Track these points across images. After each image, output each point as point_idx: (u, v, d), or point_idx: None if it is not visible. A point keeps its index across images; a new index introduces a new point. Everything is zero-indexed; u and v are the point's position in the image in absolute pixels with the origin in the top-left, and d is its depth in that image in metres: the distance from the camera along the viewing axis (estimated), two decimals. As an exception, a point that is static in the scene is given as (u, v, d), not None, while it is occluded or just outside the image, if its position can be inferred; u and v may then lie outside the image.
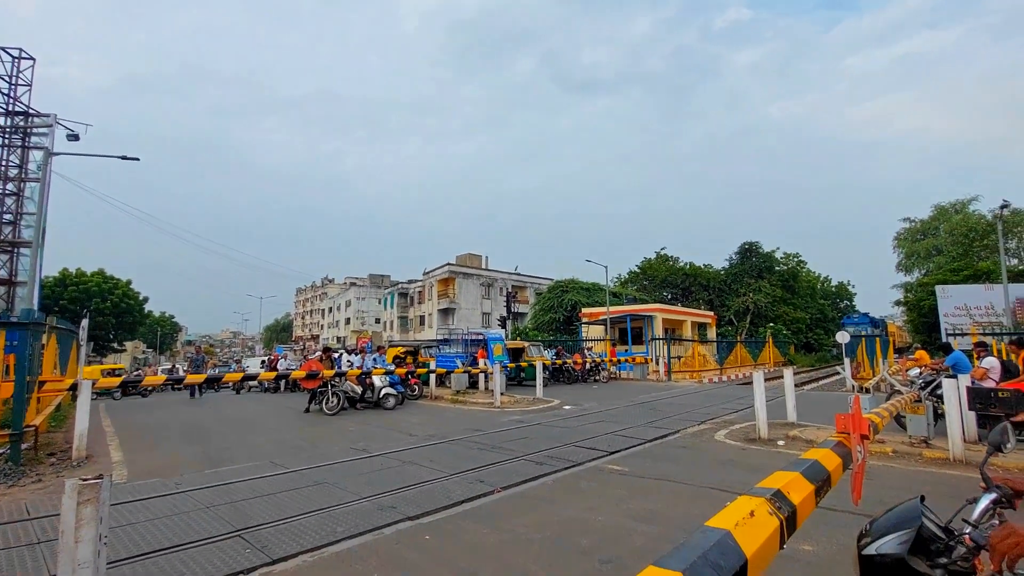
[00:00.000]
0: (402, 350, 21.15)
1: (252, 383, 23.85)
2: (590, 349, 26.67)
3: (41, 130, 20.76)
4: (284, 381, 21.51)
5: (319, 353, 17.00)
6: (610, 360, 24.24)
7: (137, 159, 19.01)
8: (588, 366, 22.79)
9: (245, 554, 4.06)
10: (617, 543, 4.25)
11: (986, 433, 7.40)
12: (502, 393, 14.74)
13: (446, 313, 53.59)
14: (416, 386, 16.70)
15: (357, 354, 17.10)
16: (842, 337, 17.75)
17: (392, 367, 15.41)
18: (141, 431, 11.70)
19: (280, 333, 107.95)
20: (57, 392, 10.15)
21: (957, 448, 7.02)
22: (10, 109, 21.09)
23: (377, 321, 73.37)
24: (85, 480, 2.30)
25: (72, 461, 7.77)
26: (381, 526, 4.68)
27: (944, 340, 18.61)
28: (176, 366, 41.32)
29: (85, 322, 11.42)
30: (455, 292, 53.85)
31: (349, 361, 16.17)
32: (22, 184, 21.06)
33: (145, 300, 50.89)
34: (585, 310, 34.29)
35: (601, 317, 29.99)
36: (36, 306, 16.99)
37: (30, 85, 21.86)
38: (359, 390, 13.83)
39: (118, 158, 18.78)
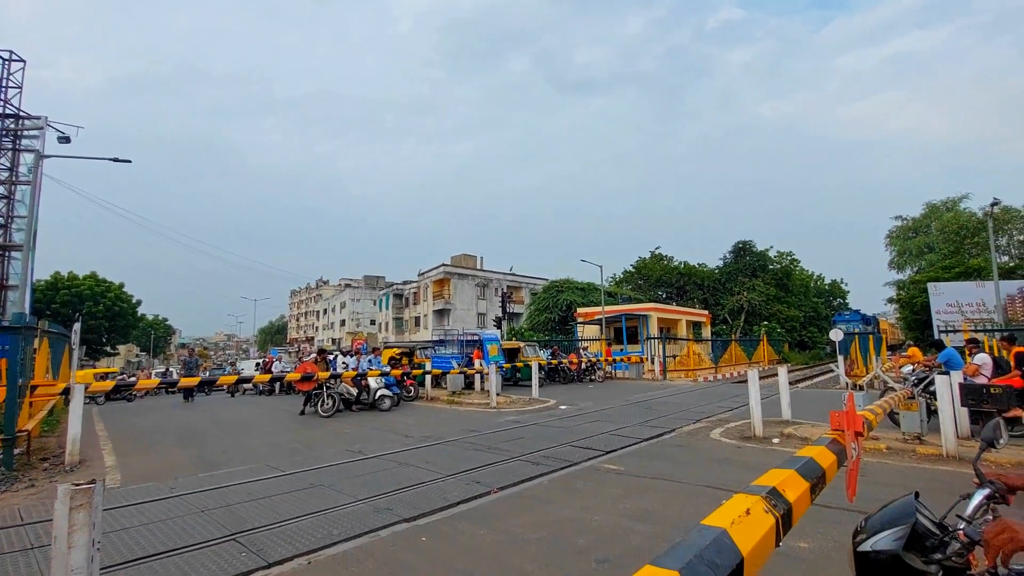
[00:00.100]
0: (398, 351, 21.16)
1: (247, 386, 23.74)
2: (586, 349, 26.71)
3: (32, 132, 20.55)
4: (279, 383, 21.43)
5: (314, 355, 16.95)
6: (606, 360, 24.28)
7: (129, 161, 18.92)
8: (584, 366, 22.83)
9: (240, 558, 4.04)
10: (614, 542, 4.25)
11: (979, 429, 7.47)
12: (498, 394, 14.74)
13: (441, 314, 53.53)
14: (412, 387, 16.68)
15: (352, 356, 17.05)
16: (836, 335, 17.81)
17: (388, 368, 15.38)
18: (135, 435, 11.62)
19: (275, 335, 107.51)
20: (50, 396, 10.06)
21: (950, 444, 7.08)
22: (1, 112, 20.89)
23: (372, 322, 73.21)
24: (78, 485, 2.27)
25: (65, 466, 7.71)
26: (377, 528, 4.67)
27: (936, 337, 18.76)
28: (170, 369, 41.11)
29: (77, 326, 11.31)
30: (450, 293, 53.80)
31: (344, 363, 16.13)
32: (13, 187, 20.84)
33: (138, 303, 50.64)
34: (580, 310, 34.35)
35: (596, 317, 30.04)
36: (28, 310, 16.86)
37: (21, 87, 21.67)
38: (355, 392, 13.79)
39: (110, 160, 18.67)
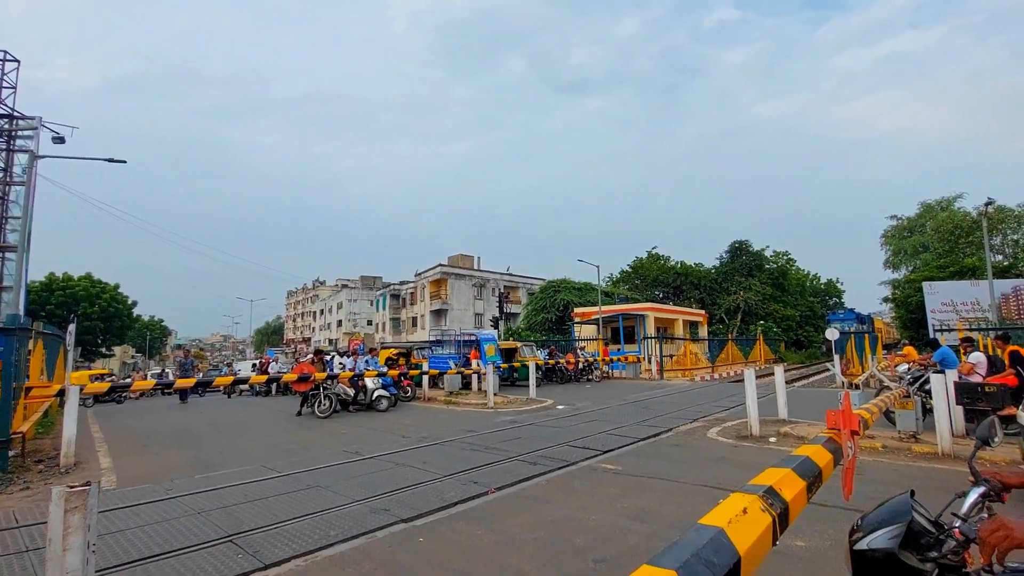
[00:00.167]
0: (395, 352, 21.12)
1: (243, 387, 23.67)
2: (583, 349, 26.72)
3: (26, 133, 20.42)
4: (275, 384, 21.35)
5: (311, 356, 16.93)
6: (603, 359, 24.32)
7: (124, 161, 18.86)
8: (581, 366, 22.83)
9: (237, 559, 4.02)
10: (611, 542, 4.26)
11: (974, 427, 7.52)
12: (495, 394, 14.73)
13: (438, 314, 53.49)
14: (409, 388, 16.66)
15: (349, 356, 17.04)
16: (831, 334, 17.86)
17: (385, 369, 15.36)
18: (130, 437, 11.55)
19: (271, 336, 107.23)
20: (44, 398, 10.02)
21: (945, 442, 7.11)
22: (-6, 112, 20.75)
23: (369, 323, 73.12)
24: (72, 487, 2.26)
25: (60, 468, 7.66)
26: (374, 529, 4.66)
27: (931, 336, 18.82)
28: (166, 370, 40.94)
29: (72, 327, 11.28)
30: (447, 293, 53.76)
31: (341, 363, 16.11)
32: (7, 188, 20.70)
33: (134, 304, 50.39)
34: (577, 310, 34.38)
35: (593, 317, 30.09)
36: (22, 311, 16.75)
37: (15, 87, 21.54)
38: (351, 392, 13.76)
39: (105, 160, 18.60)
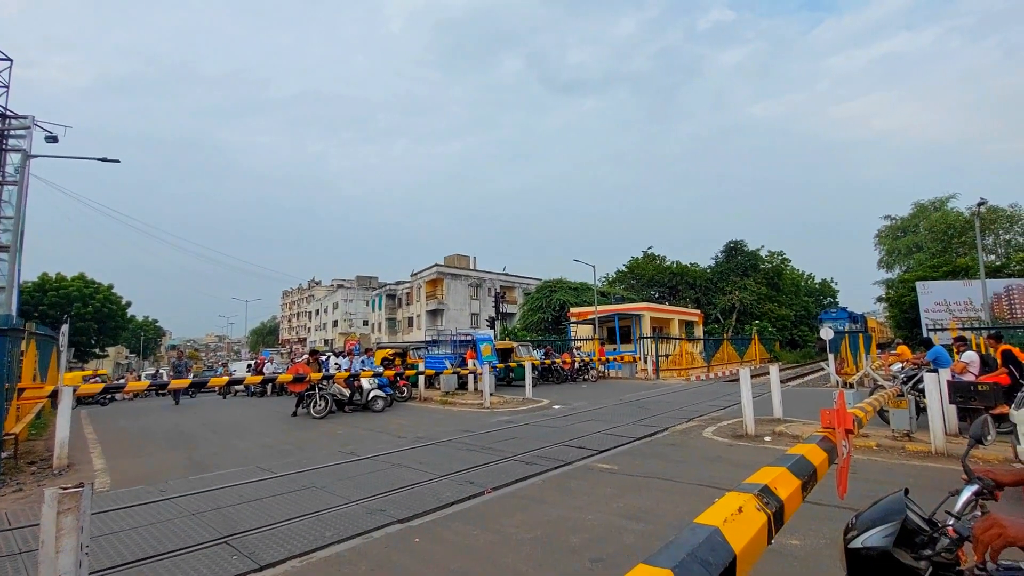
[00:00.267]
0: (390, 352, 21.08)
1: (239, 387, 23.56)
2: (579, 348, 26.75)
3: (19, 132, 20.27)
4: (271, 385, 21.29)
5: (306, 356, 16.85)
6: (599, 359, 24.35)
7: (117, 161, 18.75)
8: (577, 365, 22.86)
9: (232, 561, 4.01)
10: (607, 542, 4.26)
11: (967, 426, 7.57)
12: (491, 394, 14.72)
13: (434, 314, 53.42)
14: (405, 388, 16.63)
15: (345, 356, 16.95)
16: (826, 333, 17.95)
17: (381, 369, 15.32)
18: (124, 438, 11.49)
19: (266, 336, 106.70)
20: (37, 399, 9.94)
21: (939, 441, 7.15)
22: (-14, 111, 20.58)
23: (365, 323, 72.93)
24: (66, 488, 2.24)
25: (53, 469, 7.62)
26: (370, 530, 4.65)
27: (925, 335, 18.94)
28: (160, 371, 40.69)
29: (65, 327, 11.16)
30: (443, 293, 53.71)
31: (337, 364, 16.05)
32: (-1, 187, 20.56)
33: (128, 304, 50.06)
34: (573, 310, 34.42)
35: (589, 316, 30.12)
36: (15, 312, 16.64)
37: (7, 86, 21.38)
38: (347, 393, 13.72)
39: (98, 160, 18.49)
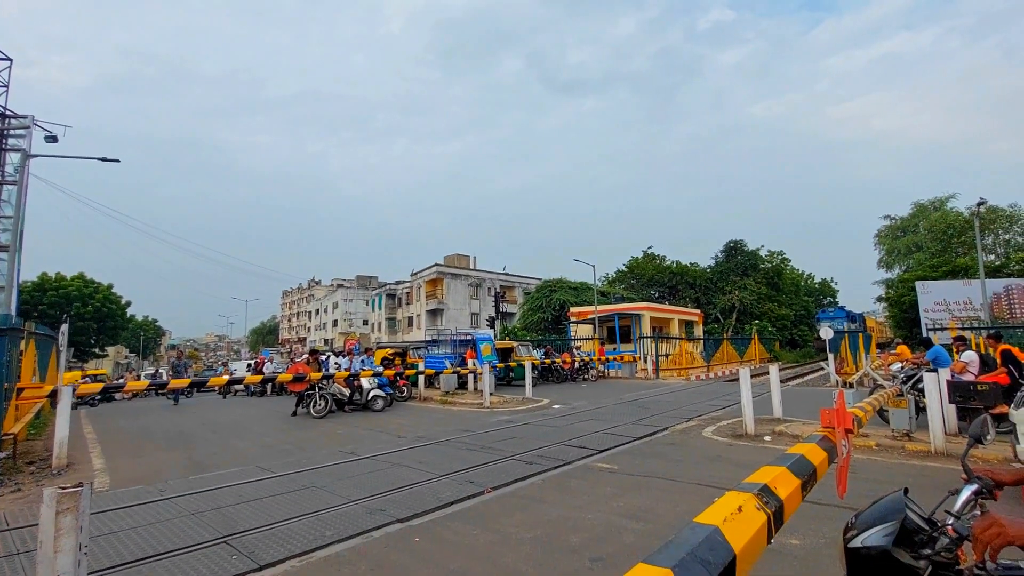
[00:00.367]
0: (390, 351, 21.08)
1: (238, 387, 23.55)
2: (579, 348, 26.75)
3: (18, 132, 20.25)
4: (271, 384, 21.28)
5: (306, 356, 16.84)
6: (598, 359, 24.34)
7: (117, 160, 18.73)
8: (577, 365, 22.87)
9: (231, 560, 4.00)
10: (607, 541, 4.26)
11: (966, 426, 7.56)
12: (491, 393, 14.72)
13: (434, 314, 53.42)
14: (405, 388, 16.63)
15: (345, 356, 16.96)
16: (826, 333, 17.94)
17: (380, 369, 15.32)
18: (124, 438, 11.49)
19: (266, 336, 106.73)
20: (36, 399, 9.92)
21: (938, 441, 7.16)
22: (-15, 111, 20.56)
23: (365, 323, 72.91)
24: (64, 488, 2.24)
25: (52, 469, 7.61)
26: (370, 529, 4.64)
27: (924, 335, 18.95)
28: (159, 371, 40.72)
29: (65, 327, 11.16)
30: (443, 293, 53.70)
31: (336, 363, 16.05)
32: (-2, 187, 20.54)
33: (127, 304, 50.01)
34: (573, 309, 34.41)
35: (589, 316, 30.12)
36: (14, 311, 16.63)
37: (7, 86, 21.36)
38: (347, 392, 13.72)
39: (98, 160, 18.47)
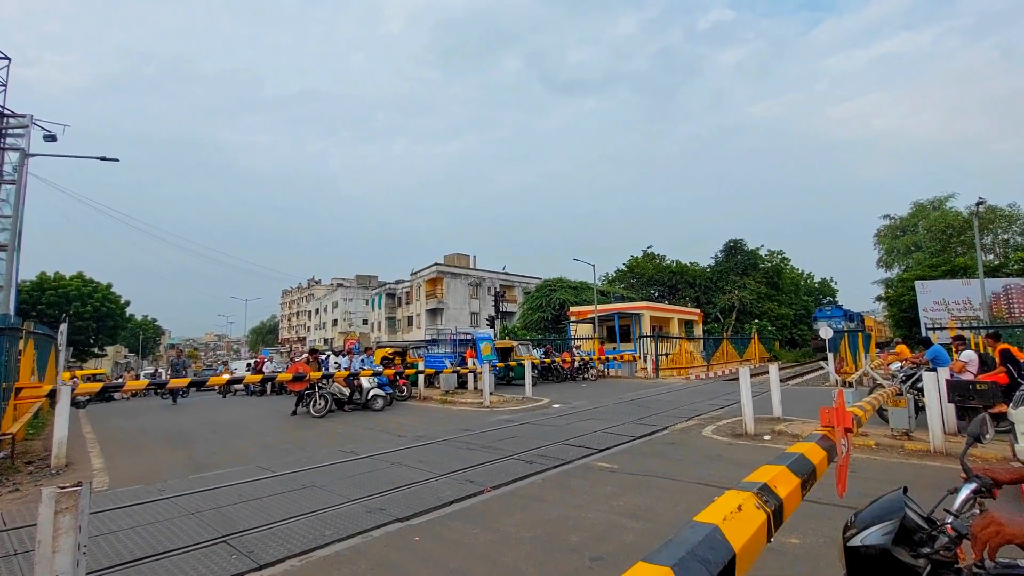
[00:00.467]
0: (390, 351, 21.06)
1: (238, 386, 23.53)
2: (578, 347, 26.77)
3: (17, 131, 20.22)
4: (270, 384, 21.26)
5: (306, 355, 16.83)
6: (598, 358, 24.35)
7: (116, 160, 18.72)
8: (576, 364, 22.86)
9: (231, 560, 4.00)
10: (607, 540, 4.26)
11: (965, 425, 7.57)
12: (491, 393, 14.71)
13: (434, 313, 53.41)
14: (405, 387, 16.62)
15: (344, 355, 16.94)
16: (825, 332, 17.93)
17: (380, 368, 15.31)
18: (123, 437, 11.47)
19: (266, 335, 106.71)
20: (35, 399, 9.92)
21: (938, 440, 7.16)
22: (-16, 109, 20.52)
23: (364, 322, 72.90)
24: (63, 488, 2.23)
25: (51, 469, 7.60)
26: (370, 528, 4.64)
27: (924, 334, 18.97)
28: (159, 370, 40.69)
29: (64, 327, 11.17)
30: (443, 292, 53.70)
31: (336, 363, 16.04)
32: (-3, 186, 20.50)
33: (127, 304, 50.00)
34: (573, 308, 34.41)
35: (589, 315, 30.12)
36: (13, 311, 16.61)
37: (5, 85, 21.33)
38: (347, 392, 13.72)
39: (97, 159, 18.46)
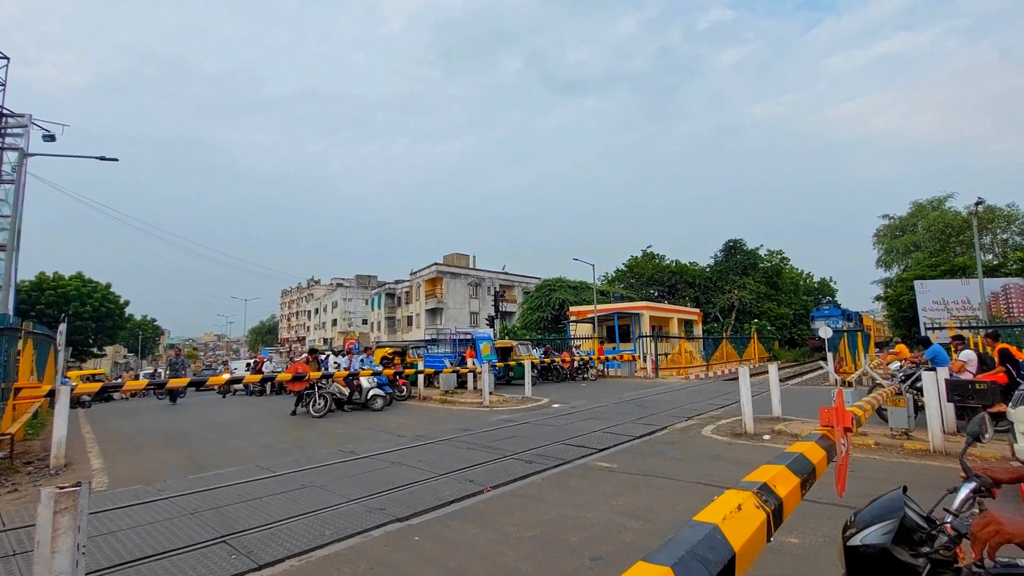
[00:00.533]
0: (390, 351, 21.07)
1: (238, 386, 23.51)
2: (578, 347, 26.77)
3: (16, 131, 20.19)
4: (270, 384, 21.25)
5: (305, 355, 16.82)
6: (598, 358, 24.35)
7: (115, 159, 18.69)
8: (576, 364, 22.86)
9: (231, 560, 4.00)
10: (607, 540, 4.26)
11: (965, 424, 7.58)
12: (491, 392, 14.70)
13: (434, 313, 53.41)
14: (404, 387, 16.61)
15: (344, 355, 16.93)
16: (824, 332, 17.96)
17: (380, 368, 15.30)
18: (122, 437, 11.46)
19: (265, 335, 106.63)
20: (34, 399, 9.92)
21: (937, 439, 7.16)
22: (-18, 109, 20.49)
23: (364, 322, 72.88)
24: (62, 488, 2.23)
25: (50, 469, 7.58)
26: (369, 528, 4.64)
27: (923, 334, 18.98)
28: (158, 370, 40.67)
29: (63, 327, 11.16)
30: (443, 292, 53.69)
31: (336, 362, 16.03)
32: (-4, 186, 20.48)
33: (126, 304, 49.94)
34: (573, 308, 34.41)
35: (589, 315, 30.12)
36: (12, 311, 16.58)
37: (4, 85, 21.30)
38: (346, 392, 13.71)
39: (96, 159, 18.43)
